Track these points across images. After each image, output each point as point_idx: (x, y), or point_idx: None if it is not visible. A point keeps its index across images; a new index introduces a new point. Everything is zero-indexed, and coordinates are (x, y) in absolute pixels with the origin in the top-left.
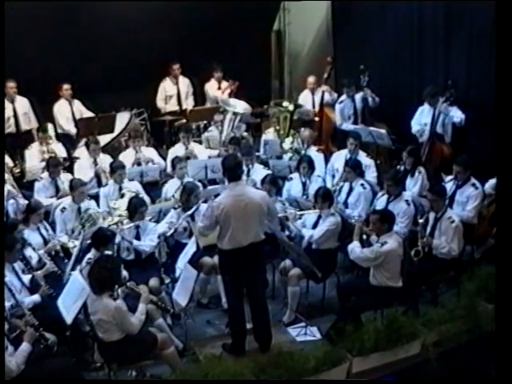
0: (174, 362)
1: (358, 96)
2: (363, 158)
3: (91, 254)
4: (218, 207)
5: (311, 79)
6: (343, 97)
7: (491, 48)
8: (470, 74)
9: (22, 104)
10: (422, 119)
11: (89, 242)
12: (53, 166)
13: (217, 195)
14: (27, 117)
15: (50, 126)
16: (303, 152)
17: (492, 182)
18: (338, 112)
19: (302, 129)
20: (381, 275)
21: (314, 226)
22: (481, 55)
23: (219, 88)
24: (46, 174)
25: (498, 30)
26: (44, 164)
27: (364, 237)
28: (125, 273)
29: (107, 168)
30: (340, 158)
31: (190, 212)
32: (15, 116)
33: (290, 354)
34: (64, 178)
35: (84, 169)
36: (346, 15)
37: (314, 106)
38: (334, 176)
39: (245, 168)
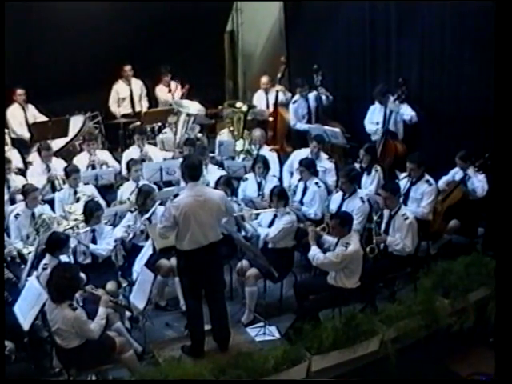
0: (133, 365)
1: (312, 95)
2: (324, 161)
3: (46, 260)
4: (177, 207)
5: (264, 79)
6: (297, 96)
7: (442, 47)
8: (422, 73)
9: None
10: (373, 118)
11: (43, 247)
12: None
13: (175, 196)
14: None
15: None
16: (255, 152)
17: (445, 178)
18: (292, 112)
19: (254, 129)
20: (342, 276)
21: (270, 225)
22: (432, 54)
23: (169, 91)
24: None
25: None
26: None
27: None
28: (82, 275)
29: (61, 173)
30: (300, 157)
31: (147, 215)
32: None
33: (250, 354)
34: (15, 178)
35: (37, 175)
36: (298, 15)
37: (268, 106)
38: (292, 174)
39: None
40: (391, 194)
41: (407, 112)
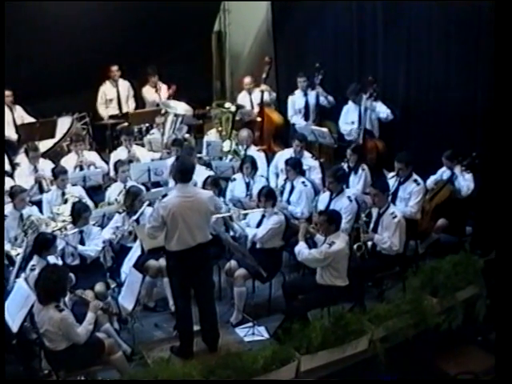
0: (122, 366)
1: (313, 93)
2: (308, 159)
3: (34, 261)
4: (165, 208)
5: (247, 80)
6: (297, 90)
7: (429, 47)
8: (409, 73)
9: None
10: (348, 118)
11: (30, 248)
12: None
13: (164, 196)
14: None
15: None
16: (242, 153)
17: (434, 177)
18: (290, 103)
19: (241, 130)
20: (329, 275)
21: (258, 226)
22: (419, 55)
23: (156, 91)
24: None
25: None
26: None
27: (308, 235)
28: (71, 275)
29: (48, 174)
30: (284, 157)
31: (135, 217)
32: None
33: (239, 355)
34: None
35: (24, 176)
36: (285, 15)
37: (252, 107)
38: (277, 175)
39: None
40: (380, 192)
41: (382, 110)
